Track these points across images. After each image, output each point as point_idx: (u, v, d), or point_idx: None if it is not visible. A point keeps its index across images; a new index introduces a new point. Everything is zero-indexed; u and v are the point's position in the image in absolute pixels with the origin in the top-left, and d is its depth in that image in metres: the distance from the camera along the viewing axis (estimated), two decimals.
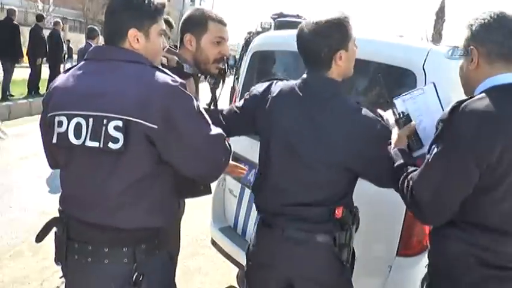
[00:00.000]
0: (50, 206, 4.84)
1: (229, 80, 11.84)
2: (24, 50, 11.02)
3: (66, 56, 14.76)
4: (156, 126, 1.46)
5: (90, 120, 1.47)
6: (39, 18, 11.57)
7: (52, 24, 12.49)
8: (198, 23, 2.21)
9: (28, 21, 24.82)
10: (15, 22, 10.13)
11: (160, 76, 1.52)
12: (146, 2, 1.58)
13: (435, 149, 1.54)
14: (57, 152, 1.64)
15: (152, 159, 1.53)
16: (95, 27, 9.92)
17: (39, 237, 1.67)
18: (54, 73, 11.16)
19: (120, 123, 1.44)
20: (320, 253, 1.90)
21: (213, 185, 2.51)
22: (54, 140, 1.56)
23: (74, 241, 1.58)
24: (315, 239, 1.86)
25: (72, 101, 1.52)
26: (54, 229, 1.67)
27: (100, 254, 1.54)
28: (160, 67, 1.61)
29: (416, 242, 2.36)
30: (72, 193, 1.62)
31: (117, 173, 1.51)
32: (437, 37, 19.16)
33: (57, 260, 1.66)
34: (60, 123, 1.53)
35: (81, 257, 1.56)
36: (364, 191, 2.50)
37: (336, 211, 1.85)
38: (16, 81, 11.12)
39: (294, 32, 3.32)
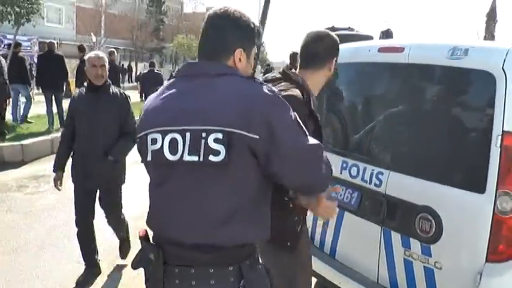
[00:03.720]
0: None
1: None
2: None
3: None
4: (258, 137, 1.40)
5: (187, 134, 1.43)
6: (82, 49, 11.38)
7: (108, 54, 13.07)
8: (338, 48, 2.34)
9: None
10: (58, 53, 10.38)
11: (257, 86, 1.49)
12: (252, 24, 1.61)
13: None
14: (152, 170, 1.57)
15: (257, 171, 1.47)
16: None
17: (135, 265, 1.60)
18: None
19: (220, 135, 1.39)
20: None
21: None
22: (149, 158, 1.51)
23: (172, 266, 1.49)
24: None
25: (166, 118, 1.48)
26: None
27: (205, 276, 1.46)
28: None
29: (506, 247, 2.31)
30: (169, 213, 1.52)
31: (222, 188, 1.44)
32: (490, 39, 18.54)
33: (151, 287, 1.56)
34: (154, 141, 1.49)
35: (184, 282, 1.48)
36: (448, 197, 2.49)
37: None
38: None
39: (356, 45, 3.41)
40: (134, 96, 17.31)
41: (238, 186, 1.46)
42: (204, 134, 1.40)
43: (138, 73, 29.92)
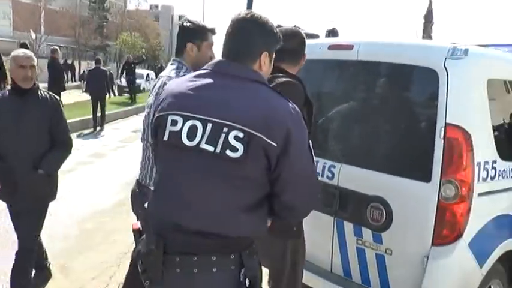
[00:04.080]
0: (70, 230, 4.94)
1: None
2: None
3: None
4: (275, 144, 1.48)
5: (209, 125, 1.50)
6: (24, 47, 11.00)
7: (50, 52, 12.53)
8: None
9: None
10: None
11: (284, 101, 1.58)
12: (275, 30, 1.70)
13: None
14: (165, 151, 1.62)
15: (267, 173, 1.54)
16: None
17: (137, 256, 1.63)
18: None
19: (241, 134, 1.47)
20: None
21: None
22: (166, 138, 1.57)
23: (173, 255, 1.53)
24: None
25: (192, 104, 1.56)
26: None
27: (208, 264, 1.51)
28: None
29: (450, 231, 2.48)
30: (177, 197, 1.57)
31: (232, 182, 1.51)
32: (428, 39, 19.42)
33: (149, 278, 1.57)
34: (174, 122, 1.56)
35: (186, 270, 1.52)
36: (397, 187, 2.64)
37: None
38: None
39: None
40: (78, 95, 16.78)
41: (248, 184, 1.54)
42: (225, 129, 1.48)
43: (81, 72, 28.94)
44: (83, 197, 6.12)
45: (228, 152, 1.47)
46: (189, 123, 1.53)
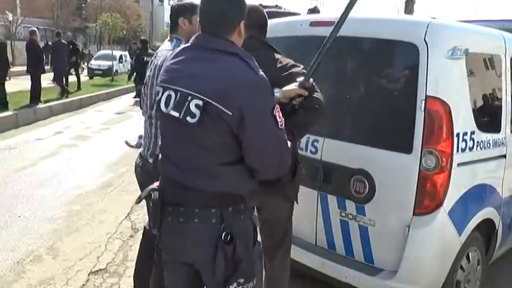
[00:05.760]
0: (57, 212, 4.95)
1: None
2: None
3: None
4: (231, 113, 1.63)
5: (178, 94, 1.72)
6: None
7: (29, 34, 12.20)
8: None
9: None
10: None
11: (249, 72, 1.68)
12: None
13: None
14: (159, 118, 1.95)
15: (229, 134, 1.68)
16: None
17: (139, 199, 1.85)
18: (36, 83, 11.07)
19: (200, 103, 1.66)
20: None
21: None
22: (155, 106, 1.85)
23: (167, 205, 1.77)
24: None
25: (169, 77, 1.79)
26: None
27: (191, 214, 1.72)
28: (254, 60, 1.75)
29: (430, 200, 2.56)
30: (166, 156, 1.84)
31: (194, 143, 1.72)
32: None
33: (153, 227, 1.83)
34: (157, 93, 1.82)
35: (175, 219, 1.75)
36: (379, 159, 2.70)
37: None
38: None
39: (287, 20, 3.52)
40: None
41: (215, 146, 1.72)
42: (189, 98, 1.69)
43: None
44: (69, 180, 6.11)
45: (188, 118, 1.68)
46: (166, 93, 1.77)
